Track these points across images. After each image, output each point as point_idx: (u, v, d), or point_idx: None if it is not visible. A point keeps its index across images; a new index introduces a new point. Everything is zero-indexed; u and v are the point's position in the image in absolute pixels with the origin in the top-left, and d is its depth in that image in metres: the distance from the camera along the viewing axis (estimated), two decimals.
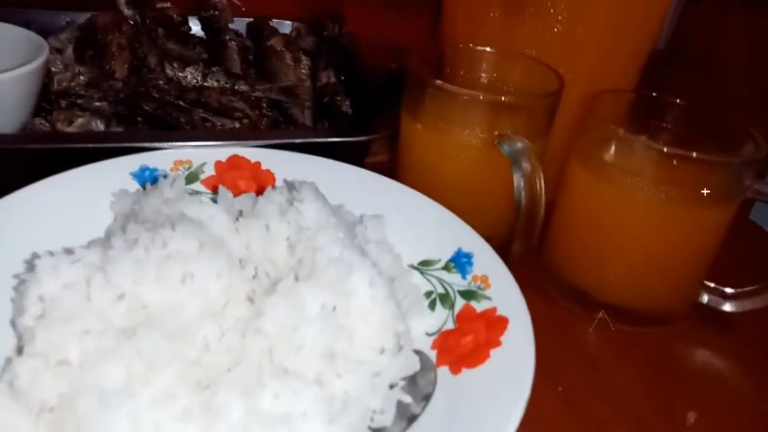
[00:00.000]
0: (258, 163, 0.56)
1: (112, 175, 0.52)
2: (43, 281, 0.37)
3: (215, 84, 0.68)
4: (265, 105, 0.67)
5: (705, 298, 0.53)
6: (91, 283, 0.37)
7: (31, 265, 0.39)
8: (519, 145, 0.50)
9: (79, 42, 0.70)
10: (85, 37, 0.70)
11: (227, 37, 0.74)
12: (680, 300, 0.53)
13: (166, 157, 0.54)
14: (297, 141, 0.58)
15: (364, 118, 0.67)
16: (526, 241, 0.51)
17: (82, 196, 0.49)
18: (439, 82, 0.51)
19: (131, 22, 0.70)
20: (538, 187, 0.50)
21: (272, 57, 0.74)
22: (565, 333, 0.53)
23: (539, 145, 0.54)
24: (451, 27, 0.67)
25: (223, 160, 0.56)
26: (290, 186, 0.49)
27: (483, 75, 0.60)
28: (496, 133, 0.51)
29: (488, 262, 0.46)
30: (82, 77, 0.62)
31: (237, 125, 0.64)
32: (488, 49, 0.60)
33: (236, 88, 0.68)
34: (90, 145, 0.53)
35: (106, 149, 0.53)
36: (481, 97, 0.51)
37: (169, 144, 0.54)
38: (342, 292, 0.39)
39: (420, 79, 0.53)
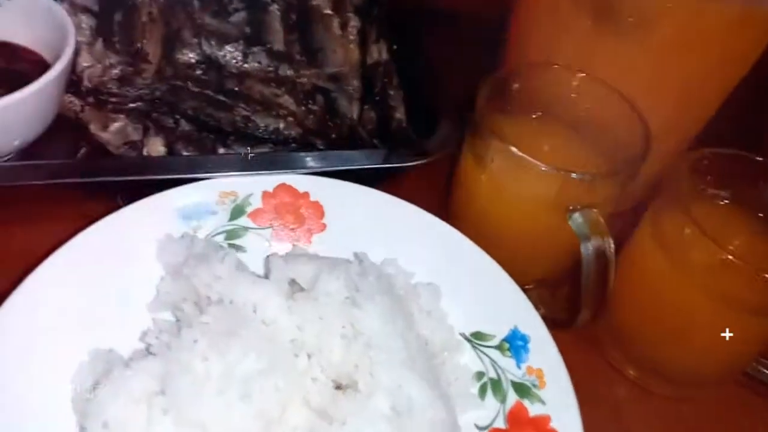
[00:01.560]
0: (306, 194, 0.53)
1: (158, 213, 0.49)
2: (105, 406, 0.36)
3: (256, 65, 0.62)
4: (310, 98, 0.61)
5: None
6: (152, 407, 0.37)
7: (93, 385, 0.38)
8: (590, 218, 0.47)
9: (104, 11, 0.62)
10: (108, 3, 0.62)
11: (268, 0, 0.66)
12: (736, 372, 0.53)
13: (211, 188, 0.51)
14: (345, 168, 0.54)
15: (418, 116, 0.62)
16: (592, 310, 0.49)
17: (130, 241, 0.47)
18: (513, 149, 0.46)
19: None
20: (607, 261, 0.47)
21: (318, 23, 0.66)
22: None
23: (612, 203, 0.50)
24: (525, 34, 0.59)
25: (271, 189, 0.53)
26: (359, 258, 0.47)
27: (557, 99, 0.54)
28: (569, 207, 0.47)
29: (545, 352, 0.45)
30: (114, 70, 0.56)
31: (281, 124, 0.59)
32: (568, 69, 0.53)
33: (279, 73, 0.62)
34: (133, 178, 0.49)
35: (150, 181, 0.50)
36: (557, 174, 0.46)
37: (213, 174, 0.51)
38: (399, 413, 0.39)
39: (490, 133, 0.48)
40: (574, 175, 0.46)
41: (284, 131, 0.59)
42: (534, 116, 0.55)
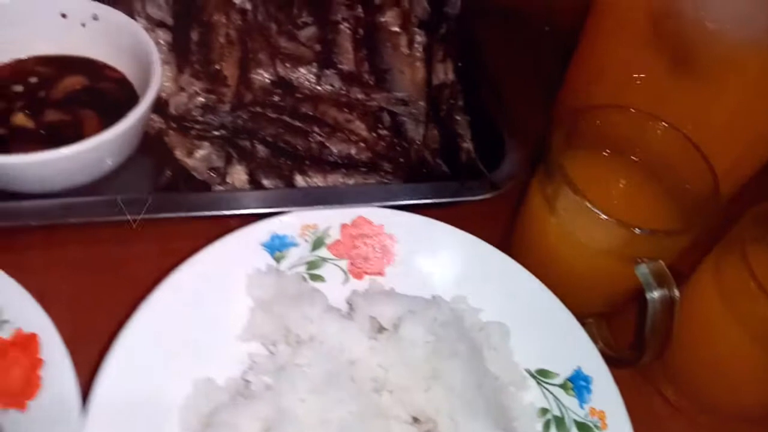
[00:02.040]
0: (381, 227, 0.56)
1: (245, 248, 0.52)
2: None
3: (329, 88, 0.63)
4: (379, 122, 0.63)
5: None
6: None
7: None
8: (657, 270, 0.49)
9: (180, 27, 0.64)
10: (183, 19, 0.64)
11: (340, 17, 0.67)
12: None
13: (293, 221, 0.54)
14: (415, 202, 0.56)
15: (484, 140, 0.64)
16: (655, 354, 0.51)
17: (221, 277, 0.51)
18: (588, 204, 0.48)
19: (242, 9, 0.63)
20: (672, 310, 0.49)
21: (386, 43, 0.67)
22: None
23: (679, 253, 0.52)
24: (595, 66, 0.60)
25: (348, 222, 0.55)
26: (437, 301, 0.50)
27: (628, 139, 0.55)
28: (636, 259, 0.49)
29: (607, 395, 0.49)
30: (198, 98, 0.58)
31: (353, 150, 0.61)
32: (643, 113, 0.54)
33: (350, 95, 0.64)
34: (219, 213, 0.52)
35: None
36: (628, 231, 0.48)
37: (296, 208, 0.54)
38: None
39: (564, 181, 0.50)
40: (644, 231, 0.48)
41: (356, 156, 0.62)
42: (605, 153, 0.57)
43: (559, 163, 0.51)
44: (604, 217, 0.48)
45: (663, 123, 0.54)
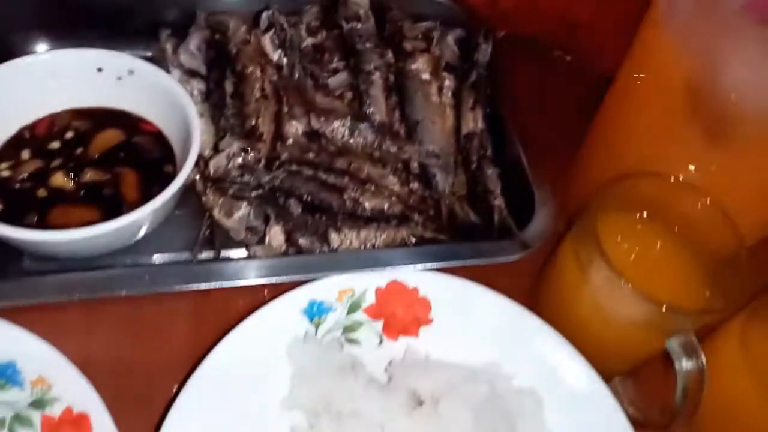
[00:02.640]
0: (415, 290, 0.57)
1: (285, 316, 0.54)
2: None
3: (362, 141, 0.64)
4: (411, 176, 0.64)
5: None
6: None
7: None
8: (687, 343, 0.50)
9: (213, 74, 0.64)
10: (217, 70, 0.65)
11: (372, 67, 0.67)
12: None
13: (331, 287, 0.55)
14: (448, 265, 0.57)
15: (512, 192, 0.65)
16: (686, 421, 0.53)
17: (262, 346, 0.52)
18: (623, 282, 0.49)
19: (277, 65, 0.64)
20: (702, 380, 0.51)
21: (417, 92, 0.68)
22: None
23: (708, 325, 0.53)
24: (621, 127, 0.60)
25: (383, 286, 0.57)
26: (475, 374, 0.51)
27: (662, 205, 0.56)
28: (666, 333, 0.51)
29: None
30: (237, 159, 0.59)
31: (386, 205, 0.62)
32: (679, 182, 0.55)
33: (383, 148, 0.64)
34: (260, 282, 0.54)
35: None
36: (663, 311, 0.49)
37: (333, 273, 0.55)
38: None
39: (597, 250, 0.51)
40: (678, 312, 0.49)
41: (388, 211, 0.62)
42: (638, 217, 0.57)
43: (595, 234, 0.52)
44: (638, 294, 0.49)
45: (695, 191, 0.55)
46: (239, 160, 0.59)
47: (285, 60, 0.65)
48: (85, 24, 0.72)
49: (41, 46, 0.71)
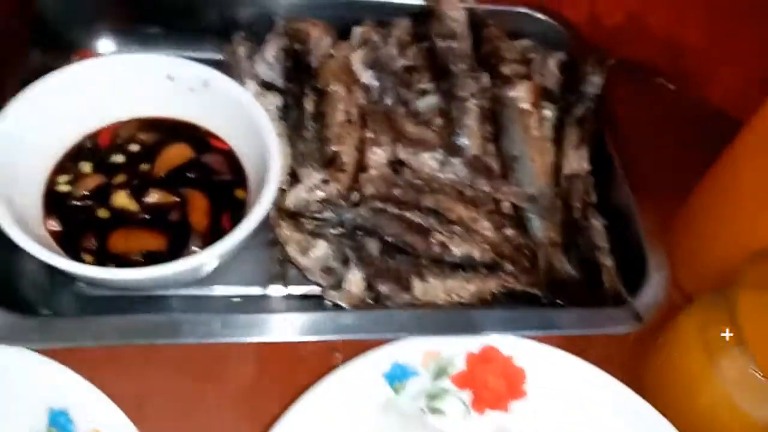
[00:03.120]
0: (510, 358, 0.50)
1: (365, 379, 0.47)
2: None
3: (452, 177, 0.57)
4: (506, 220, 0.57)
5: None
6: None
7: None
8: None
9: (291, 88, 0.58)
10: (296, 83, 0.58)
11: (468, 93, 0.60)
12: None
13: (416, 349, 0.49)
14: (549, 334, 0.51)
15: (619, 247, 0.57)
16: None
17: (340, 412, 0.46)
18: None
19: (366, 86, 0.57)
20: None
21: (515, 123, 0.60)
22: None
23: None
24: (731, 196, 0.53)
25: (476, 351, 0.50)
26: None
27: None
28: None
29: None
30: (317, 192, 0.52)
31: (476, 252, 0.55)
32: None
33: (475, 186, 0.57)
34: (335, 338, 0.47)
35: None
36: None
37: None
38: None
39: (737, 339, 0.44)
40: None
41: (477, 258, 0.56)
42: None
43: (734, 318, 0.45)
44: None
45: None
46: (320, 193, 0.52)
47: (376, 83, 0.58)
48: (152, 20, 0.66)
49: (105, 43, 0.66)
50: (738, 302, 0.45)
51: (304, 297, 0.56)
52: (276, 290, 0.55)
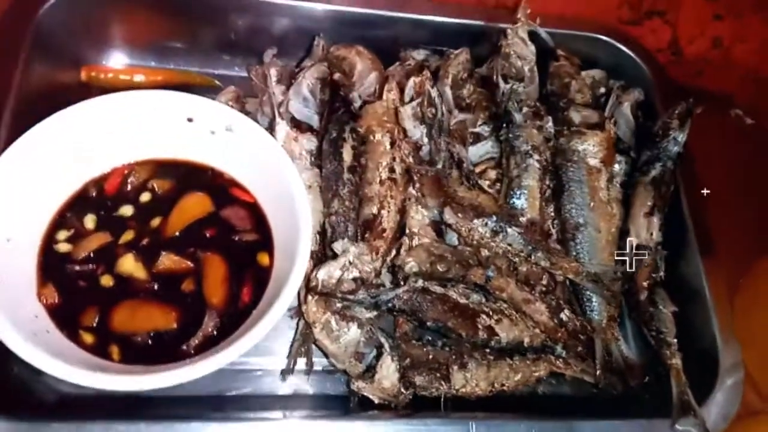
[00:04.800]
0: None
1: None
2: None
3: (505, 247, 0.50)
4: (564, 303, 0.50)
5: None
6: None
7: None
8: None
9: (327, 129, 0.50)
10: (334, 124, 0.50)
11: (530, 147, 0.52)
12: None
13: None
14: None
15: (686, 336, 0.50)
16: None
17: None
18: None
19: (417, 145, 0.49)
20: None
21: (581, 183, 0.53)
22: None
23: None
24: None
25: None
26: None
27: None
28: None
29: None
30: (354, 270, 0.45)
31: (526, 338, 0.49)
32: None
33: (531, 259, 0.50)
34: None
35: None
36: None
37: None
38: None
39: None
40: None
41: (526, 344, 0.49)
42: None
43: None
44: None
45: None
46: (356, 272, 0.46)
47: (427, 143, 0.50)
48: (171, 32, 0.58)
49: (117, 56, 0.58)
50: None
51: (327, 372, 0.50)
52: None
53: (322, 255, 0.49)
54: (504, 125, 0.53)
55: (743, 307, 0.56)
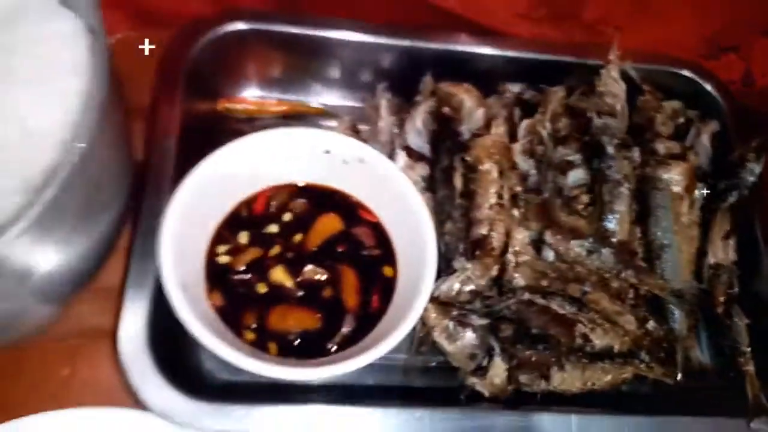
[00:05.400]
0: None
1: None
2: None
3: (599, 265, 0.57)
4: (649, 314, 0.57)
5: None
6: None
7: None
8: None
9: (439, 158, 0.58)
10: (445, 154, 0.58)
11: (621, 176, 0.58)
12: None
13: None
14: None
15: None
16: None
17: None
18: None
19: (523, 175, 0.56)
20: None
21: (665, 209, 0.59)
22: None
23: None
24: None
25: None
26: None
27: None
28: None
29: None
30: (468, 287, 0.53)
31: (616, 345, 0.56)
32: None
33: (621, 275, 0.57)
34: None
35: None
36: None
37: None
38: None
39: None
40: None
41: (616, 349, 0.56)
42: None
43: None
44: None
45: None
46: (472, 286, 0.53)
47: (534, 171, 0.57)
48: (296, 68, 0.66)
49: (251, 90, 0.66)
50: None
51: (439, 368, 0.58)
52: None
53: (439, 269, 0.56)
54: (596, 156, 0.60)
55: None
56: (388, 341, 0.48)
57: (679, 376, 0.56)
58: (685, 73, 0.67)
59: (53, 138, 0.46)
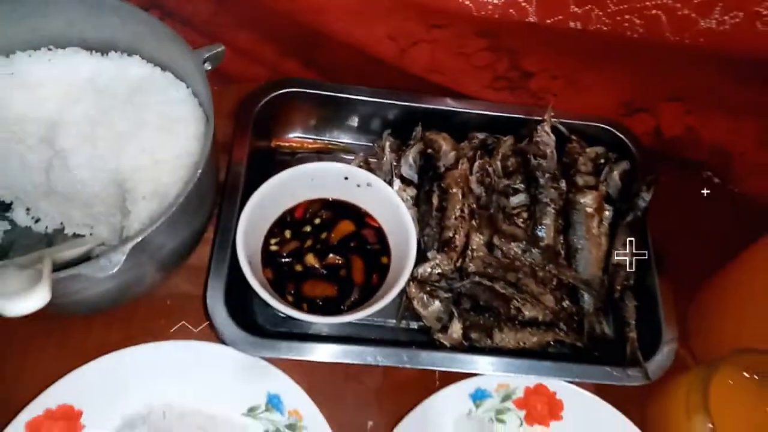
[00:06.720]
0: (554, 393, 0.76)
1: (458, 396, 0.75)
2: None
3: (530, 261, 0.82)
4: (565, 295, 0.82)
5: None
6: None
7: None
8: None
9: (423, 184, 0.84)
10: (428, 182, 0.84)
11: (549, 199, 0.84)
12: None
13: (492, 381, 0.76)
14: (583, 381, 0.76)
15: (645, 325, 0.81)
16: None
17: (440, 415, 0.74)
18: None
19: (477, 195, 0.82)
20: None
21: (581, 224, 0.84)
22: None
23: None
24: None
25: (531, 386, 0.76)
26: None
27: None
28: None
29: None
30: (437, 270, 0.79)
31: (540, 316, 0.80)
32: None
33: (546, 268, 0.82)
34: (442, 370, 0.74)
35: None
36: None
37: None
38: None
39: (705, 412, 0.67)
40: None
41: (540, 319, 0.81)
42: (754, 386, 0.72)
43: (707, 391, 0.67)
44: None
45: None
46: (439, 270, 0.79)
47: (484, 196, 0.83)
48: (326, 120, 0.93)
49: (294, 132, 0.94)
50: (712, 380, 0.68)
51: (417, 330, 0.83)
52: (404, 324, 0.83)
53: (418, 259, 0.82)
54: (533, 185, 0.85)
55: (699, 311, 0.86)
56: (380, 303, 0.74)
57: (585, 341, 0.81)
58: (607, 127, 0.92)
59: (172, 164, 0.74)
